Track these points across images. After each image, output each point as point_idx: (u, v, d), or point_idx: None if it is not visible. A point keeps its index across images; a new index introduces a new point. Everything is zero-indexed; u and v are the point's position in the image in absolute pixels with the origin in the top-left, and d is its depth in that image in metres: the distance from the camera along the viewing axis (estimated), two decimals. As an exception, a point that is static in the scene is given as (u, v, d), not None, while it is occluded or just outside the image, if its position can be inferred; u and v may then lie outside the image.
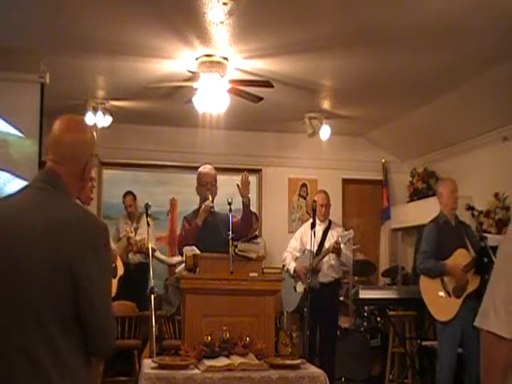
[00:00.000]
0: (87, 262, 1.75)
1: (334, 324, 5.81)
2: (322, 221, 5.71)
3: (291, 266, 5.68)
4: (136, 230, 7.06)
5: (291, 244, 5.88)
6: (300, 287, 5.54)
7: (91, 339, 1.80)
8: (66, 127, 1.94)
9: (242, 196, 4.43)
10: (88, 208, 4.43)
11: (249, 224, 4.57)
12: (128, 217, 7.26)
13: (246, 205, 4.45)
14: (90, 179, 2.27)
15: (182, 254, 4.17)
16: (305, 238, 5.64)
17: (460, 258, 4.79)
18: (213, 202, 4.43)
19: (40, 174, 1.95)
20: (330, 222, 5.85)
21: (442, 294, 4.81)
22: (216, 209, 4.51)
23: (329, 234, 5.68)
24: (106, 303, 1.82)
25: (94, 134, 2.03)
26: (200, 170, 4.59)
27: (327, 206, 5.77)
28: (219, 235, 4.10)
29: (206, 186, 4.46)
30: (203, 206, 4.41)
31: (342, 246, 5.43)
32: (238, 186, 4.43)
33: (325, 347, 5.55)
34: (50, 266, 1.73)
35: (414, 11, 4.32)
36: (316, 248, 5.45)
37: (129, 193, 7.33)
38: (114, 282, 4.38)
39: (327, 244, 5.55)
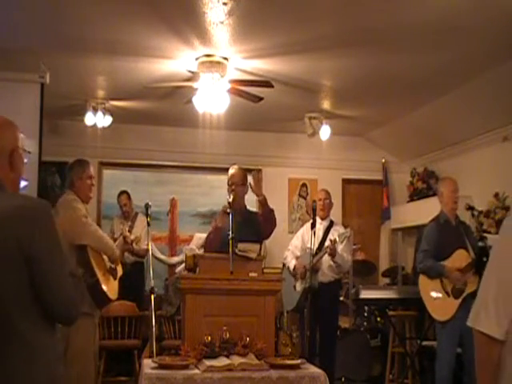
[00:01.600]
0: (35, 243, 1.88)
1: (334, 324, 5.80)
2: (322, 218, 5.70)
3: (291, 263, 5.69)
4: (131, 228, 7.05)
5: (293, 243, 5.89)
6: (299, 286, 5.55)
7: (53, 315, 1.95)
8: None
9: (256, 195, 4.43)
10: (87, 206, 4.40)
11: (271, 221, 4.49)
12: (123, 216, 7.25)
13: (263, 203, 4.43)
14: (89, 177, 2.32)
15: None
16: (306, 236, 5.64)
17: (459, 258, 4.80)
18: (235, 201, 4.31)
19: None
20: (332, 221, 5.85)
21: (440, 295, 4.81)
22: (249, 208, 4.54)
23: (330, 233, 5.68)
24: (61, 279, 1.95)
25: (16, 126, 2.12)
26: (229, 171, 4.60)
27: (325, 200, 5.76)
28: (239, 235, 4.05)
29: (231, 187, 4.46)
30: (222, 207, 4.42)
31: (339, 246, 5.43)
32: (250, 185, 4.44)
33: (325, 347, 5.55)
34: (7, 252, 1.85)
35: (414, 11, 4.32)
36: (316, 247, 5.46)
37: (123, 192, 7.32)
38: (116, 283, 4.38)
39: (327, 243, 5.55)
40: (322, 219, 5.74)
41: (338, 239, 5.38)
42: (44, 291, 1.90)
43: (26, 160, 2.15)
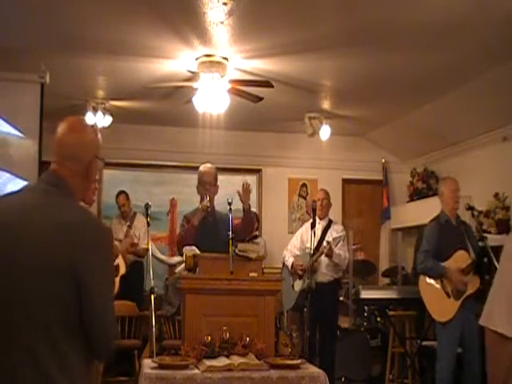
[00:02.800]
0: (90, 264, 1.75)
1: (333, 324, 5.81)
2: (320, 218, 5.71)
3: (289, 261, 5.70)
4: (130, 228, 7.06)
5: (292, 242, 5.91)
6: (297, 285, 5.56)
7: (92, 341, 1.79)
8: (68, 128, 1.96)
9: (242, 203, 4.44)
10: (89, 208, 4.42)
11: (250, 228, 4.60)
12: (121, 216, 7.25)
13: (247, 210, 4.46)
14: (95, 181, 2.27)
15: (181, 254, 4.18)
16: (305, 236, 5.66)
17: (459, 259, 4.79)
18: (211, 201, 4.42)
19: (44, 175, 1.95)
20: (331, 220, 5.86)
21: (441, 295, 4.81)
22: (217, 208, 4.52)
23: (328, 232, 5.70)
24: (107, 306, 1.82)
25: (99, 135, 2.03)
26: (200, 168, 4.58)
27: (324, 200, 5.77)
28: (218, 235, 4.10)
29: (205, 186, 4.46)
30: (199, 206, 4.42)
31: (335, 248, 5.46)
32: (238, 193, 4.43)
33: (325, 347, 5.56)
34: (53, 268, 1.73)
35: (414, 11, 4.32)
36: (315, 247, 5.47)
37: (122, 192, 7.32)
38: (116, 280, 4.38)
39: (326, 243, 5.56)
40: (321, 219, 5.75)
41: (332, 241, 5.41)
42: (89, 313, 1.75)
43: (101, 167, 2.04)
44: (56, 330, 1.73)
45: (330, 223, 5.82)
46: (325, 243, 5.48)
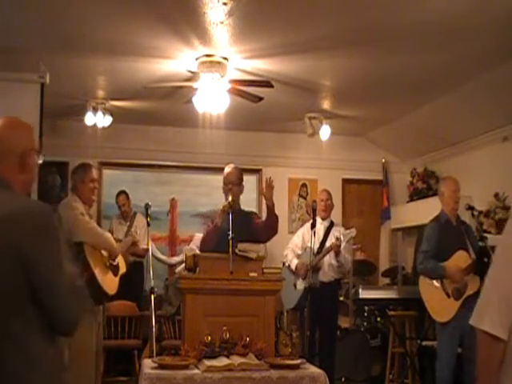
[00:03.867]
0: (37, 247, 1.84)
1: (333, 324, 5.81)
2: (323, 219, 5.72)
3: (293, 262, 5.69)
4: (130, 228, 7.05)
5: (293, 241, 5.90)
6: (300, 285, 5.55)
7: (53, 322, 1.88)
8: None
9: (265, 199, 4.38)
10: (87, 208, 4.41)
11: (273, 228, 4.43)
12: (121, 216, 7.25)
13: (271, 209, 4.34)
14: (91, 181, 2.29)
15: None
16: (307, 236, 5.66)
17: (459, 260, 4.79)
18: (233, 200, 4.36)
19: None
20: (332, 222, 5.86)
21: (441, 296, 4.81)
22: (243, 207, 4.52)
23: (330, 233, 5.69)
24: (61, 284, 1.90)
25: (30, 128, 2.11)
26: (224, 170, 4.58)
27: (327, 201, 5.78)
28: (236, 235, 4.05)
29: (228, 186, 4.45)
30: (221, 207, 4.42)
31: (342, 245, 5.43)
32: (262, 190, 4.43)
33: (324, 347, 5.55)
34: (4, 257, 1.81)
35: (414, 11, 4.32)
36: (317, 247, 5.47)
37: (122, 192, 7.32)
38: (116, 279, 4.40)
39: (328, 243, 5.55)
40: (323, 219, 5.75)
41: (342, 238, 5.38)
42: (43, 298, 1.85)
43: (40, 161, 2.11)
44: (7, 313, 1.81)
45: (331, 224, 5.81)
46: (333, 239, 5.45)
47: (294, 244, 5.84)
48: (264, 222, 4.43)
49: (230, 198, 4.31)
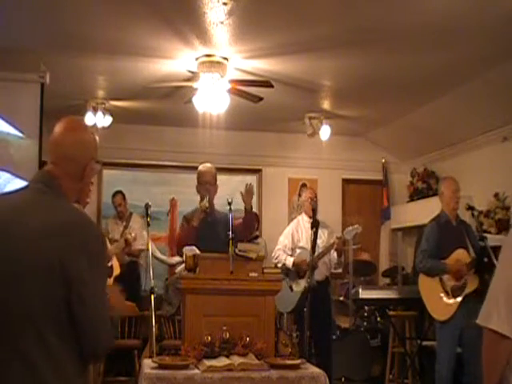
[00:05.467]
0: (80, 264, 1.73)
1: (328, 323, 5.75)
2: (310, 216, 5.62)
3: (289, 260, 5.60)
4: (126, 228, 7.05)
5: (282, 242, 5.77)
6: (298, 286, 5.48)
7: (84, 342, 1.77)
8: (65, 128, 1.94)
9: (244, 203, 4.42)
10: (85, 209, 4.43)
11: (250, 229, 4.56)
12: (118, 216, 7.25)
13: (248, 211, 4.44)
14: (90, 183, 2.25)
15: (180, 255, 4.17)
16: (296, 236, 5.63)
17: (459, 258, 4.79)
18: (211, 201, 4.41)
19: (37, 174, 1.94)
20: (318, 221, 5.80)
21: (441, 294, 4.81)
22: (217, 208, 4.51)
23: (319, 231, 5.62)
24: (98, 306, 1.79)
25: (96, 137, 2.03)
26: (199, 168, 4.56)
27: (315, 198, 5.73)
28: (217, 235, 4.10)
29: (205, 186, 4.45)
30: (199, 206, 4.41)
31: (350, 242, 5.43)
32: (241, 193, 4.41)
33: (321, 347, 5.50)
34: (45, 268, 1.71)
35: (414, 11, 4.32)
36: (311, 245, 5.43)
37: (118, 192, 7.31)
38: (110, 281, 4.38)
39: (319, 241, 5.46)
40: (310, 217, 5.70)
41: (345, 236, 5.36)
42: (79, 312, 1.74)
43: (98, 169, 2.02)
44: (48, 330, 1.71)
45: (317, 223, 5.76)
46: (335, 238, 5.43)
47: (283, 245, 5.72)
48: (242, 223, 4.42)
49: (206, 199, 4.32)
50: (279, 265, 5.76)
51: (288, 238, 5.75)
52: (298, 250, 5.63)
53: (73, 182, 1.90)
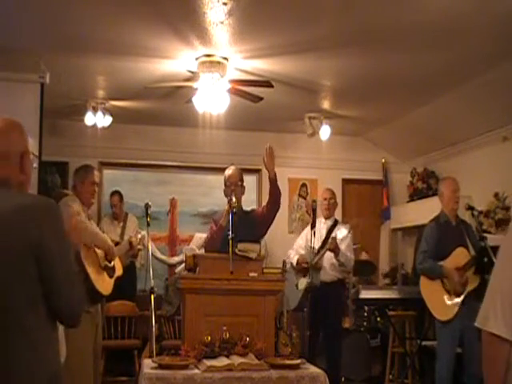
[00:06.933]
0: (45, 241, 1.92)
1: (337, 324, 5.74)
2: (326, 217, 5.70)
3: (294, 259, 5.64)
4: (124, 229, 7.04)
5: (297, 242, 5.86)
6: (302, 284, 5.51)
7: (59, 312, 1.98)
8: None
9: (267, 170, 4.35)
10: (85, 208, 4.41)
11: (277, 203, 4.44)
12: (113, 216, 7.24)
13: (273, 180, 4.35)
14: (91, 183, 2.43)
15: None
16: (309, 236, 5.64)
17: (459, 256, 4.79)
18: (238, 201, 4.37)
19: None
20: (336, 220, 5.83)
21: (443, 294, 4.81)
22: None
23: (333, 232, 5.66)
24: (69, 278, 1.98)
25: (24, 130, 2.14)
26: (225, 172, 4.57)
27: (330, 200, 5.74)
28: (238, 235, 4.04)
29: (230, 188, 4.45)
30: (225, 207, 4.41)
31: (340, 242, 5.42)
32: (263, 160, 4.33)
33: (329, 349, 5.50)
34: (17, 249, 1.90)
35: (414, 11, 4.32)
36: (319, 246, 5.45)
37: (115, 192, 7.31)
38: (111, 281, 4.39)
39: (331, 239, 5.50)
40: (326, 218, 5.73)
41: (337, 235, 5.38)
42: (52, 289, 1.94)
43: (35, 165, 2.20)
44: (23, 309, 1.89)
45: (335, 223, 5.78)
46: (330, 240, 5.45)
47: (298, 245, 5.80)
48: (267, 202, 4.44)
49: (233, 200, 4.31)
50: (288, 262, 5.80)
51: (303, 239, 5.79)
52: (306, 250, 5.65)
53: (15, 173, 2.05)
